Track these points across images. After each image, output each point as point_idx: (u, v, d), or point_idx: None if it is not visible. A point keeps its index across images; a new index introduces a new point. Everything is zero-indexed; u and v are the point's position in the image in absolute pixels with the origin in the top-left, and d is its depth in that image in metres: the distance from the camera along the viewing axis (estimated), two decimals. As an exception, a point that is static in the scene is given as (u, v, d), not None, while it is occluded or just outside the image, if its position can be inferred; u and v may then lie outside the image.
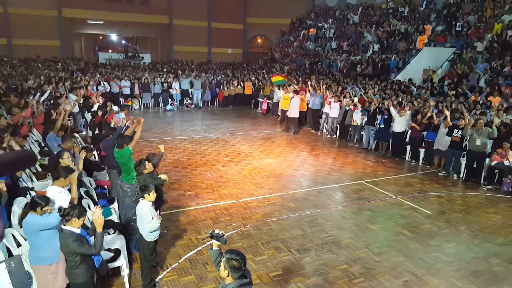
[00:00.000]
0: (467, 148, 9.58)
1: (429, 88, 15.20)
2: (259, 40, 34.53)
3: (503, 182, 8.98)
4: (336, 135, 14.09)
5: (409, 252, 6.04)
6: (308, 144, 12.91)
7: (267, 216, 7.12)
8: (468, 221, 7.26)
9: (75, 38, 31.08)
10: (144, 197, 4.59)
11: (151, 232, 4.65)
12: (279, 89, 16.51)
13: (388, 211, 7.61)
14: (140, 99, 18.89)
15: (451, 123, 9.77)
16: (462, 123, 9.58)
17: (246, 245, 6.03)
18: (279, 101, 16.46)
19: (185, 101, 19.67)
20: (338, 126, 13.85)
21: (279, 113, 16.57)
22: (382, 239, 6.43)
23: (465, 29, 17.29)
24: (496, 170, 9.14)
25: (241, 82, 20.78)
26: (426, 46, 18.02)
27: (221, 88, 20.49)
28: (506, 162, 8.90)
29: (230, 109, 19.91)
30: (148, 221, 4.54)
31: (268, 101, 18.47)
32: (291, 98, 14.53)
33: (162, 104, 19.10)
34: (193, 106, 19.67)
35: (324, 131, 14.55)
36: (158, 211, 5.12)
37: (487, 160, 9.33)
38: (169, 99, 19.13)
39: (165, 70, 23.23)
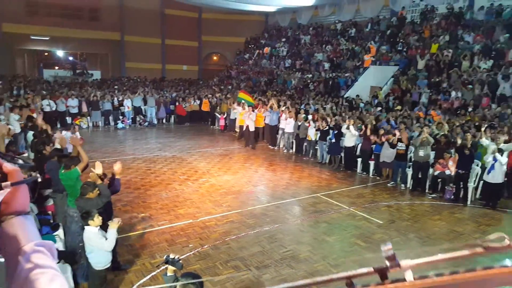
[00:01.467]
0: (412, 159, 10.23)
1: (376, 104, 16.10)
2: (214, 58, 34.83)
3: (445, 190, 9.64)
4: (292, 150, 14.44)
5: (364, 262, 6.29)
6: (266, 160, 13.11)
7: (225, 235, 7.12)
8: (416, 229, 7.70)
9: (17, 54, 29.51)
10: (89, 224, 4.42)
11: (108, 251, 4.50)
12: (238, 105, 16.70)
13: (343, 223, 7.90)
14: (89, 117, 18.20)
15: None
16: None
17: (204, 267, 5.95)
18: (236, 118, 16.64)
19: (138, 119, 19.25)
20: (294, 141, 14.23)
21: (237, 129, 16.72)
22: (338, 251, 6.66)
23: (405, 49, 18.61)
24: (439, 179, 9.82)
25: (197, 99, 20.77)
26: (372, 65, 19.14)
27: (176, 104, 20.31)
28: (447, 172, 9.59)
29: (187, 126, 19.76)
30: (101, 246, 4.40)
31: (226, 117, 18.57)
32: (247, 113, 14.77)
33: (112, 122, 18.54)
34: (146, 123, 19.27)
35: (281, 146, 14.87)
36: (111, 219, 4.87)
37: (431, 170, 10.00)
38: (120, 117, 18.60)
39: (116, 87, 22.65)
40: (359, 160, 11.86)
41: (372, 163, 11.47)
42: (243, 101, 16.49)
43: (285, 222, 7.85)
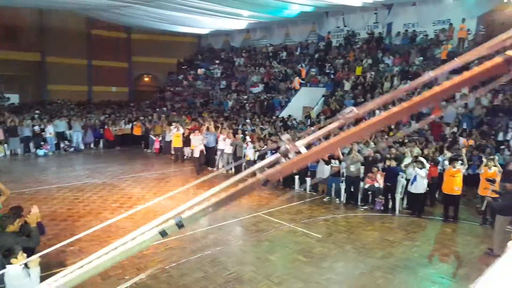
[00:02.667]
0: (345, 175, 10.78)
1: (309, 124, 16.84)
2: (146, 79, 33.99)
3: (376, 202, 10.27)
4: (231, 170, 14.41)
5: (306, 277, 6.40)
6: (205, 181, 12.83)
7: (165, 262, 6.80)
8: (352, 240, 8.04)
9: None
10: (11, 263, 3.96)
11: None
12: (174, 127, 16.40)
13: (284, 240, 7.99)
14: (6, 144, 16.51)
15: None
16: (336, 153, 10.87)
17: (143, 298, 5.63)
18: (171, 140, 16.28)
19: (62, 145, 17.90)
20: (233, 161, 14.24)
21: (173, 152, 16.33)
22: (281, 268, 6.69)
23: (332, 71, 19.88)
24: (369, 192, 10.43)
25: (129, 122, 19.99)
26: (303, 86, 20.08)
27: (105, 127, 19.30)
28: (376, 184, 10.23)
29: (117, 150, 18.80)
30: (27, 285, 3.94)
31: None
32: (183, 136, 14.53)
33: (34, 149, 17.04)
34: (72, 149, 17.97)
35: (220, 167, 14.77)
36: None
37: (362, 183, 10.59)
38: (42, 143, 17.13)
39: (37, 111, 20.91)
40: (297, 177, 12.20)
41: (308, 179, 11.86)
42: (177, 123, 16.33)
43: (228, 244, 7.73)
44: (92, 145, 19.09)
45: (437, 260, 7.37)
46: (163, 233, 1.76)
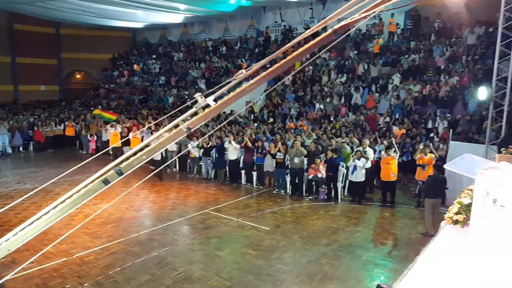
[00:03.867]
0: (289, 167, 10.99)
1: (252, 118, 16.93)
2: (78, 76, 31.91)
3: (319, 192, 10.62)
4: (176, 168, 14.07)
5: (256, 270, 6.43)
6: (148, 181, 12.43)
7: (108, 268, 6.45)
8: (299, 230, 8.24)
9: None
10: None
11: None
12: (111, 126, 15.58)
13: (233, 235, 7.97)
14: None
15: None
16: (271, 146, 11.22)
17: (88, 307, 5.31)
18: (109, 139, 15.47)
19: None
20: (177, 159, 13.90)
21: (111, 152, 15.54)
22: (231, 263, 6.66)
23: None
24: (313, 182, 10.76)
25: (60, 122, 18.69)
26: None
27: (35, 129, 17.89)
28: (319, 175, 10.57)
29: (50, 153, 17.52)
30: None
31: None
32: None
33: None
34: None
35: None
36: None
37: (305, 174, 10.88)
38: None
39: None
40: (243, 172, 12.22)
41: (254, 173, 11.93)
42: (100, 117, 15.57)
43: (175, 243, 7.53)
44: (21, 149, 17.68)
45: (378, 243, 7.81)
46: (106, 182, 2.09)
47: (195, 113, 2.15)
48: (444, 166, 3.29)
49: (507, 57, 9.75)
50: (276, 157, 11.09)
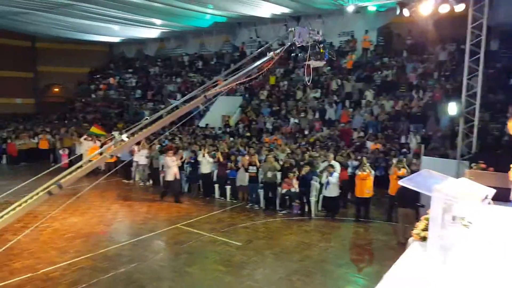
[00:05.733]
0: (263, 181, 11.02)
1: (228, 132, 16.98)
2: (55, 89, 31.38)
3: (293, 206, 10.64)
4: (149, 182, 13.90)
5: (225, 286, 6.38)
6: (120, 195, 12.26)
7: (74, 284, 6.29)
8: (271, 246, 8.22)
9: None
10: None
11: None
12: (88, 139, 15.35)
13: (204, 250, 7.90)
14: None
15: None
16: (244, 160, 11.29)
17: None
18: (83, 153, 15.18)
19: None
20: (150, 172, 13.75)
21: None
22: (200, 280, 6.59)
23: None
24: (287, 197, 10.79)
25: (34, 135, 18.32)
26: (221, 95, 20.19)
27: (8, 141, 17.49)
28: (292, 189, 10.61)
29: (22, 166, 17.09)
30: None
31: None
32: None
33: None
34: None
35: (136, 179, 14.15)
36: None
37: (279, 189, 10.92)
38: None
39: None
40: (216, 186, 12.17)
41: (228, 187, 11.90)
42: (94, 135, 15.40)
43: (144, 259, 7.40)
44: (-7, 162, 17.20)
45: (350, 260, 7.83)
46: (49, 193, 2.95)
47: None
48: (399, 182, 3.29)
49: (476, 73, 10.14)
50: (249, 171, 11.11)
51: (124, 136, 3.85)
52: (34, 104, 29.78)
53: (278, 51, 4.58)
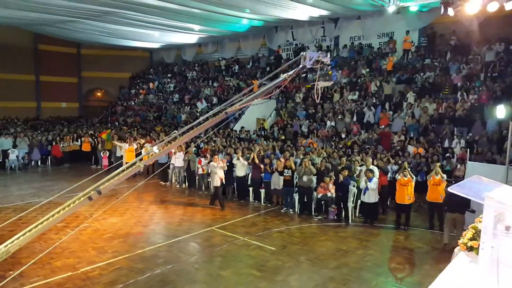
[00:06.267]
0: (298, 185, 10.84)
1: (263, 134, 16.92)
2: (98, 94, 32.89)
3: (329, 211, 10.38)
4: (185, 184, 14.12)
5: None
6: (157, 197, 12.51)
7: (111, 285, 6.41)
8: (306, 251, 8.03)
9: None
10: None
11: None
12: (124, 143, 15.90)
13: (238, 254, 7.83)
14: None
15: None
16: (279, 164, 11.18)
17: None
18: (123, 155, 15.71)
19: (7, 163, 16.83)
20: (186, 175, 13.96)
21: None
22: (233, 284, 6.52)
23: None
24: (322, 202, 10.54)
25: (78, 138, 19.19)
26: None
27: (53, 144, 18.43)
28: (328, 194, 10.37)
29: (66, 167, 17.95)
30: None
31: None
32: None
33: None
34: (17, 167, 16.98)
35: (172, 181, 14.42)
36: None
37: (314, 193, 10.69)
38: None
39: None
40: (251, 189, 12.12)
41: (262, 191, 11.82)
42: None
43: (179, 261, 7.45)
44: (39, 163, 18.24)
45: (390, 268, 7.45)
46: (90, 198, 3.64)
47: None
48: (449, 189, 3.10)
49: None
50: (284, 174, 10.96)
51: (155, 148, 4.78)
52: (78, 107, 31.33)
53: (291, 72, 5.26)
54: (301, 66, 5.17)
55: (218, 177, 11.12)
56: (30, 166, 17.63)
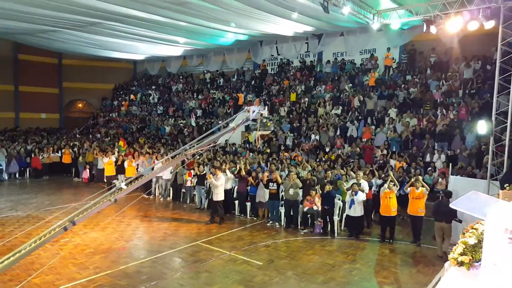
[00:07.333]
0: (284, 198, 10.81)
1: (248, 148, 16.90)
2: (79, 105, 32.29)
3: (315, 225, 10.36)
4: (169, 197, 13.90)
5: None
6: (140, 210, 12.26)
7: (93, 301, 6.21)
8: (293, 266, 7.96)
9: None
10: None
11: None
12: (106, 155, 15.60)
13: (224, 269, 7.70)
14: None
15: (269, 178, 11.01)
16: (263, 177, 11.23)
17: None
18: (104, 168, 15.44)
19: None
20: (171, 188, 13.76)
21: (105, 180, 15.45)
22: (220, 300, 6.39)
23: (268, 97, 20.41)
24: (308, 215, 10.53)
25: (58, 149, 18.74)
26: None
27: (32, 155, 17.91)
28: (314, 207, 10.37)
29: (45, 180, 17.44)
30: None
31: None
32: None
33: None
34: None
35: (156, 194, 14.18)
36: None
37: (300, 206, 10.67)
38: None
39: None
40: (237, 202, 12.02)
41: (248, 204, 11.73)
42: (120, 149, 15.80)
43: (163, 277, 7.27)
44: (17, 175, 17.70)
45: (378, 282, 7.42)
46: (65, 229, 3.78)
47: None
48: (451, 205, 3.10)
49: (506, 90, 9.88)
50: (269, 187, 10.94)
51: (123, 184, 5.38)
52: (58, 119, 30.68)
53: (239, 123, 6.75)
54: (245, 118, 6.48)
55: (220, 191, 11.02)
56: (6, 179, 17.04)
